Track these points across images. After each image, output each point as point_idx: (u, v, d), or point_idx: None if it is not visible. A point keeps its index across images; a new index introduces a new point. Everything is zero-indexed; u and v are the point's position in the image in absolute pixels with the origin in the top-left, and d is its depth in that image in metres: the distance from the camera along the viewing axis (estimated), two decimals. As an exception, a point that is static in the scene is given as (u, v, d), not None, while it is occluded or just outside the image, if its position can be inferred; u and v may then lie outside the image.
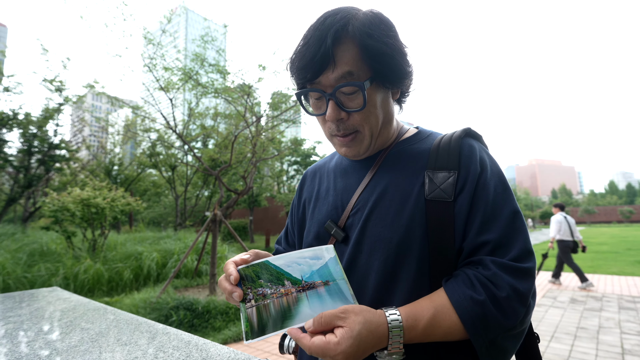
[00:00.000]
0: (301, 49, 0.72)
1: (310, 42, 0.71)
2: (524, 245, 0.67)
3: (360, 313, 0.60)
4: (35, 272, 6.24)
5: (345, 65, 0.71)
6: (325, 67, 0.71)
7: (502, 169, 0.77)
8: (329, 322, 0.58)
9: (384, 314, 0.62)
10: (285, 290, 0.64)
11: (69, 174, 16.52)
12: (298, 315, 0.62)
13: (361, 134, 0.77)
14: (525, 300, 0.64)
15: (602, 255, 13.11)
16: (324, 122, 0.80)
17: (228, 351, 0.98)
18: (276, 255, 0.67)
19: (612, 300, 6.16)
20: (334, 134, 0.79)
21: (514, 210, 0.70)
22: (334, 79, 0.72)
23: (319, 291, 0.63)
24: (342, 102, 0.74)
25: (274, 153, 9.54)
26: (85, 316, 1.44)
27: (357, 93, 0.73)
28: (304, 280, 0.65)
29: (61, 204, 7.47)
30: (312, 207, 0.92)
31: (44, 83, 10.98)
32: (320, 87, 0.74)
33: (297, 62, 0.73)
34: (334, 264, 0.65)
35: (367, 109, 0.75)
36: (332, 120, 0.75)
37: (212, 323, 4.72)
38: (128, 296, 5.94)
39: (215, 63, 6.74)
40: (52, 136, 11.99)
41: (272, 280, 0.65)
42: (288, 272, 0.65)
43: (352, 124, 0.76)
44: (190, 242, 8.27)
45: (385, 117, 0.80)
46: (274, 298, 0.64)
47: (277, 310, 0.62)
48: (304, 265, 0.66)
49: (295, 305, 0.63)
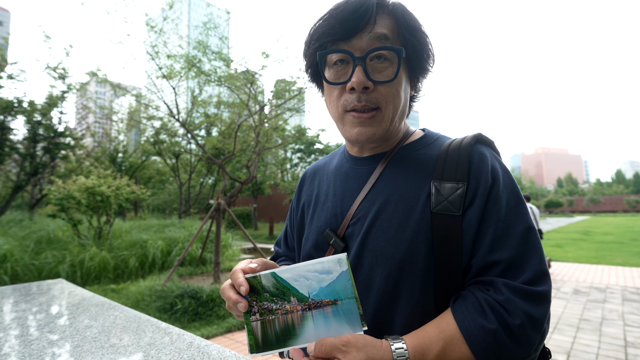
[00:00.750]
0: (336, 7, 0.69)
1: (349, 2, 0.68)
2: (539, 266, 0.62)
3: (362, 349, 0.56)
4: (43, 259, 6.34)
5: (383, 29, 0.68)
6: (363, 26, 0.67)
7: (508, 158, 0.71)
8: (329, 353, 0.56)
9: (389, 348, 0.58)
10: (290, 307, 0.62)
11: (74, 161, 16.61)
12: (302, 335, 0.60)
13: (382, 112, 0.71)
14: (540, 328, 0.60)
15: (607, 246, 13.06)
16: (340, 95, 0.72)
17: (230, 354, 0.97)
18: (284, 267, 0.64)
19: (616, 292, 6.15)
20: (351, 109, 0.71)
21: (528, 227, 0.65)
22: (368, 42, 0.68)
23: (325, 311, 0.60)
24: (369, 70, 0.68)
25: (278, 142, 9.50)
26: (89, 312, 1.45)
27: (388, 63, 0.69)
28: (310, 297, 0.61)
29: (67, 191, 7.52)
30: (311, 212, 0.87)
31: (47, 70, 10.94)
32: (351, 49, 0.68)
33: (329, 19, 0.69)
34: (346, 279, 0.61)
35: (395, 84, 0.70)
36: (357, 86, 0.67)
37: (217, 311, 4.78)
38: (134, 284, 6.03)
39: (218, 51, 6.65)
40: (56, 124, 12.01)
41: (279, 295, 0.63)
42: (295, 288, 0.62)
43: (375, 98, 0.69)
44: (195, 230, 8.33)
45: (404, 107, 0.75)
46: (279, 314, 0.62)
47: (281, 328, 0.61)
48: (312, 280, 0.62)
49: (300, 324, 0.60)
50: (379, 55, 0.69)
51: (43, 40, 10.36)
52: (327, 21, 0.69)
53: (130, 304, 5.08)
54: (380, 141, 0.77)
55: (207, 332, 4.18)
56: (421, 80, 0.79)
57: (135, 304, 5.08)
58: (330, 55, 0.71)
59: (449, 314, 0.63)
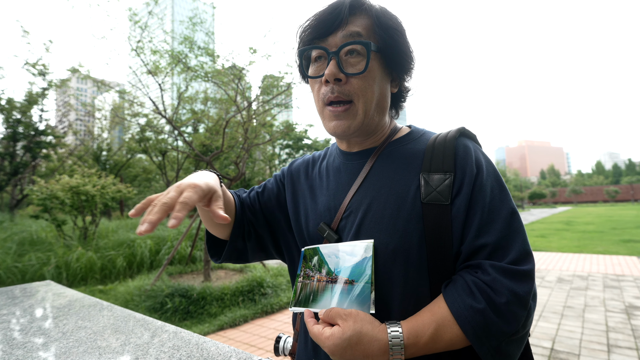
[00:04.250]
0: (317, 13, 0.77)
1: (327, 7, 0.76)
2: (522, 247, 0.67)
3: (360, 321, 0.63)
4: (26, 261, 6.18)
5: (355, 27, 0.75)
6: (338, 25, 0.74)
7: (493, 151, 0.75)
8: (333, 317, 0.65)
9: (385, 330, 0.63)
10: (320, 277, 0.73)
11: (56, 160, 16.18)
12: (320, 302, 0.70)
13: (355, 106, 0.75)
14: (525, 304, 0.63)
15: (589, 235, 13.46)
16: (319, 88, 0.78)
17: (229, 350, 0.98)
18: (325, 245, 0.76)
19: (598, 279, 6.36)
20: (327, 102, 0.76)
21: (511, 211, 0.69)
22: (341, 39, 0.74)
23: (343, 287, 0.69)
24: (343, 64, 0.74)
25: (266, 138, 9.44)
26: (81, 313, 1.43)
27: (361, 58, 0.74)
28: (334, 273, 0.71)
29: (50, 191, 7.34)
30: (304, 206, 0.89)
31: (26, 66, 10.60)
32: (326, 45, 0.75)
33: (310, 22, 0.76)
34: (367, 264, 0.69)
35: (366, 77, 0.74)
36: (329, 77, 0.73)
37: (208, 309, 4.75)
38: (122, 284, 5.94)
39: (204, 46, 6.55)
40: (37, 122, 11.67)
41: (316, 265, 0.75)
42: (327, 262, 0.73)
43: (348, 90, 0.74)
44: (183, 229, 8.25)
45: (380, 101, 0.79)
46: (313, 281, 0.74)
47: (309, 292, 0.73)
48: (340, 259, 0.72)
49: (321, 293, 0.71)
50: (352, 50, 0.74)
51: (21, 35, 10.02)
52: (309, 22, 0.77)
53: (119, 304, 5.01)
54: (359, 135, 0.80)
55: (198, 330, 4.16)
56: (406, 79, 0.84)
57: (124, 305, 5.01)
58: (312, 53, 0.79)
59: (441, 298, 0.67)
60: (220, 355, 0.96)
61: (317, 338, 0.64)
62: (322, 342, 0.63)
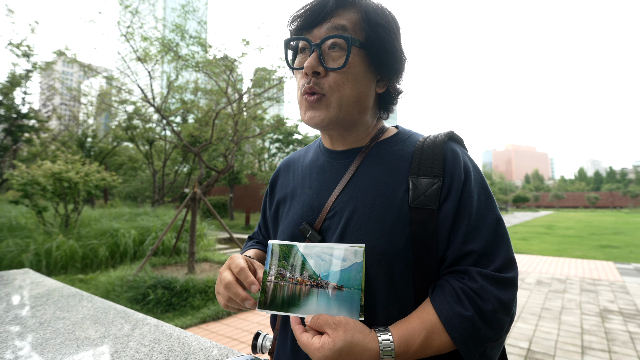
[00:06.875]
0: (308, 2, 0.75)
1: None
2: (507, 255, 0.68)
3: (350, 331, 0.61)
4: (4, 247, 6.01)
5: (341, 20, 0.72)
6: (323, 17, 0.72)
7: (480, 154, 0.75)
8: (321, 326, 0.62)
9: (376, 338, 0.62)
10: (301, 280, 0.68)
11: (38, 144, 15.73)
12: (304, 307, 0.66)
13: (327, 98, 0.73)
14: (509, 310, 0.65)
15: (568, 240, 13.83)
16: (300, 80, 0.77)
17: (211, 345, 0.97)
18: (306, 244, 0.71)
19: (575, 282, 6.54)
20: (304, 92, 0.75)
21: (497, 218, 0.70)
22: (326, 31, 0.72)
23: (330, 293, 0.66)
24: (325, 57, 0.73)
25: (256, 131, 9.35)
26: (60, 303, 1.40)
27: (342, 52, 0.72)
28: (320, 277, 0.67)
29: (31, 177, 7.14)
30: (287, 205, 0.87)
31: (9, 47, 10.24)
32: (311, 37, 0.74)
33: (299, 11, 0.74)
34: (357, 270, 0.66)
35: (345, 72, 0.72)
36: (308, 70, 0.72)
37: (191, 302, 4.72)
38: (103, 274, 5.85)
39: (196, 35, 6.43)
40: (19, 104, 11.31)
41: (294, 266, 0.69)
42: (309, 264, 0.68)
43: (324, 84, 0.73)
44: (169, 219, 8.14)
45: (361, 99, 0.76)
46: (290, 283, 0.68)
47: (288, 296, 0.68)
48: (326, 262, 0.68)
49: (305, 297, 0.67)
50: (334, 44, 0.72)
51: (5, 14, 9.66)
52: (299, 12, 0.75)
53: (100, 294, 4.92)
54: (335, 128, 0.78)
55: (181, 322, 4.13)
56: (395, 80, 0.80)
57: (105, 295, 4.93)
58: (298, 43, 0.77)
59: (429, 304, 0.67)
60: (201, 349, 0.95)
61: (306, 348, 0.62)
62: (312, 353, 0.61)
